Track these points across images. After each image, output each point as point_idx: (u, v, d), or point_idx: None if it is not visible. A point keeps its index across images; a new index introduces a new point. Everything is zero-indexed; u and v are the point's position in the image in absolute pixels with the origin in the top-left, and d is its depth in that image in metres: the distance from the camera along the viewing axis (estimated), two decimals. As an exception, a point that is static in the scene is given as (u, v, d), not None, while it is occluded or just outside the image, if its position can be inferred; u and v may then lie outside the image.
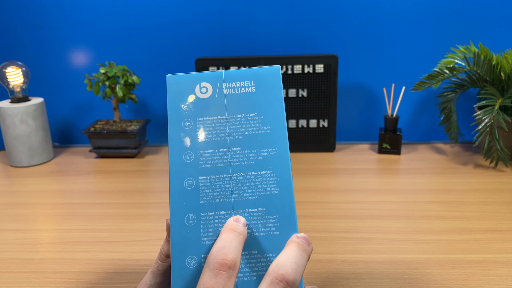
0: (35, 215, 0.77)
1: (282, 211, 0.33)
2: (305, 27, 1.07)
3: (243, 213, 0.33)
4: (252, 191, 0.33)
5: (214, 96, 0.36)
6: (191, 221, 0.33)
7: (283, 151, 0.35)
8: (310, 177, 0.89)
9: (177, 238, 0.33)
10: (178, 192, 0.34)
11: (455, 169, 0.91)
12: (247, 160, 0.34)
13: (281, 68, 0.99)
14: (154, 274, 0.37)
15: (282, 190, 0.34)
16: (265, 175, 0.34)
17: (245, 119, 0.36)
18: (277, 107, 0.36)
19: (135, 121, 1.08)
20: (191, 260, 0.32)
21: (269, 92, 0.36)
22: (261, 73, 0.37)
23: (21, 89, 1.01)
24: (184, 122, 0.36)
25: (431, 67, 1.04)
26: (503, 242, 0.63)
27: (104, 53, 1.13)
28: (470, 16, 1.03)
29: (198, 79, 0.37)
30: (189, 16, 1.08)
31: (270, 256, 0.32)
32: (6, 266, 0.61)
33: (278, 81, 0.37)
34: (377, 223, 0.70)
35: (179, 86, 0.37)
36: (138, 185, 0.88)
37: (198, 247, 0.32)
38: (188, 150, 0.35)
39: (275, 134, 0.35)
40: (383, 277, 0.56)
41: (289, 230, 0.33)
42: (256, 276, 0.32)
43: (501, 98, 0.88)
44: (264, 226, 0.33)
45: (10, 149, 0.99)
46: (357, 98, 1.12)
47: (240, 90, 0.36)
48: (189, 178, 0.34)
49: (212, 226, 0.33)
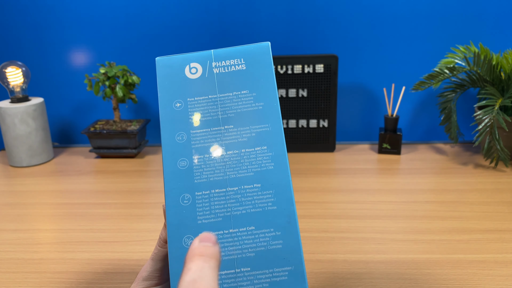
0: (35, 215, 0.77)
1: (278, 186, 0.33)
2: (305, 27, 1.07)
3: (239, 190, 0.33)
4: (247, 168, 0.33)
5: (204, 76, 0.36)
6: (186, 201, 0.33)
7: (276, 127, 0.34)
8: (310, 177, 0.89)
9: (173, 219, 0.32)
10: (172, 172, 0.33)
11: (455, 169, 0.91)
12: (240, 138, 0.34)
13: (281, 67, 0.99)
14: (154, 260, 0.37)
15: (277, 165, 0.33)
16: (259, 151, 0.34)
17: (236, 97, 0.35)
18: (268, 83, 0.36)
19: (135, 121, 1.08)
20: (188, 240, 0.32)
21: (260, 69, 0.36)
22: (251, 50, 0.37)
23: (21, 89, 1.01)
24: (175, 103, 0.36)
25: (431, 67, 1.04)
26: (503, 242, 0.63)
27: (104, 53, 1.13)
28: (470, 16, 1.03)
29: (188, 60, 0.37)
30: (189, 16, 1.08)
31: (268, 231, 0.32)
32: (6, 266, 0.61)
33: (268, 58, 0.36)
34: (377, 223, 0.70)
35: (168, 68, 0.37)
36: (138, 185, 0.88)
37: (194, 227, 0.32)
38: (180, 131, 0.35)
39: (267, 110, 0.35)
40: (383, 277, 0.56)
41: (286, 204, 0.33)
42: (255, 252, 0.32)
43: (501, 98, 0.88)
44: (261, 202, 0.33)
45: (10, 149, 0.99)
46: (357, 98, 1.12)
47: (230, 68, 0.36)
48: (182, 158, 0.34)
49: (208, 205, 0.33)
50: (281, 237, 0.32)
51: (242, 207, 0.33)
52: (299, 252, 0.32)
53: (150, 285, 0.36)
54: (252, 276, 0.31)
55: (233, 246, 0.32)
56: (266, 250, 0.32)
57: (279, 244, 0.32)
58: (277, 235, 0.32)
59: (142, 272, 0.37)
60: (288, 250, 0.32)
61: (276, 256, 0.32)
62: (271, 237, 0.32)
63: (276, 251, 0.32)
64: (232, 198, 0.33)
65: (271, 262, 0.31)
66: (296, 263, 0.32)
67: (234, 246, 0.32)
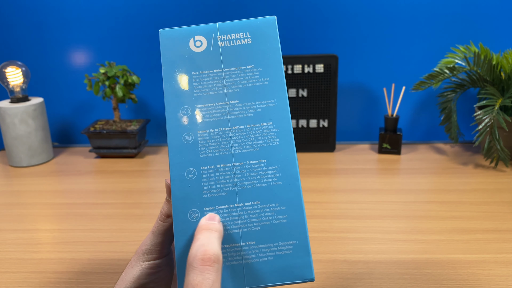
0: (35, 215, 0.77)
1: (283, 162, 0.33)
2: (305, 27, 1.07)
3: (244, 165, 0.33)
4: (253, 143, 0.33)
5: (209, 50, 0.35)
6: (191, 175, 0.33)
7: (282, 102, 0.34)
8: (310, 177, 0.89)
9: (178, 193, 0.32)
10: (177, 147, 0.33)
11: (455, 169, 0.91)
12: (246, 113, 0.34)
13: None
14: (155, 234, 0.37)
15: (283, 140, 0.33)
16: (264, 126, 0.34)
17: (242, 71, 0.35)
18: (274, 58, 0.35)
19: (135, 121, 1.08)
20: (193, 213, 0.32)
21: (266, 43, 0.36)
22: (257, 24, 0.36)
23: (21, 89, 1.01)
24: (179, 77, 0.35)
25: (431, 67, 1.04)
26: (503, 242, 0.63)
27: (104, 53, 1.13)
28: (470, 16, 1.03)
29: (192, 33, 0.36)
30: (188, 15, 1.08)
31: (273, 206, 0.32)
32: (6, 266, 0.61)
33: (275, 32, 0.36)
34: (377, 223, 0.70)
35: (172, 40, 0.36)
36: (138, 185, 0.88)
37: (200, 200, 0.32)
38: (185, 105, 0.34)
39: (273, 85, 0.35)
40: (383, 277, 0.56)
41: (291, 179, 0.33)
42: (260, 226, 0.32)
43: (501, 98, 0.88)
44: (266, 177, 0.33)
45: (10, 149, 0.99)
46: (357, 98, 1.12)
47: (236, 42, 0.36)
48: (187, 133, 0.34)
49: (213, 179, 0.33)
50: (286, 212, 0.32)
51: (248, 182, 0.33)
52: (303, 226, 0.32)
53: (150, 259, 0.36)
54: (257, 249, 0.32)
55: (238, 220, 0.32)
56: (271, 224, 0.32)
57: (284, 218, 0.32)
58: (282, 209, 0.32)
59: (142, 246, 0.37)
60: (293, 224, 0.32)
61: (281, 230, 0.32)
62: (276, 212, 0.32)
63: (281, 225, 0.32)
64: (238, 173, 0.33)
65: (276, 236, 0.32)
66: (300, 237, 0.32)
67: (239, 220, 0.32)
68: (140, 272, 0.36)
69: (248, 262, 0.31)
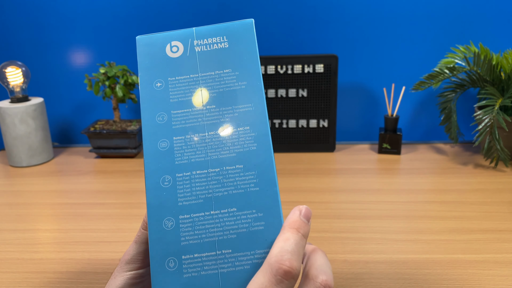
0: (35, 215, 0.77)
1: (260, 167, 0.32)
2: (305, 27, 1.07)
3: (220, 171, 0.32)
4: (229, 149, 0.33)
5: (186, 55, 0.35)
6: (166, 183, 0.32)
7: (259, 106, 0.34)
8: (310, 177, 0.89)
9: (153, 201, 0.32)
10: (152, 154, 0.33)
11: (455, 169, 0.91)
12: (222, 118, 0.34)
13: (281, 67, 0.99)
14: (138, 243, 0.36)
15: (260, 145, 0.33)
16: (241, 131, 0.33)
17: (218, 76, 0.35)
18: (251, 61, 0.35)
19: (135, 121, 1.08)
20: (168, 222, 0.31)
21: (243, 47, 0.35)
22: (234, 28, 0.36)
23: (21, 89, 1.01)
24: (156, 83, 0.35)
25: (431, 67, 1.04)
26: (503, 242, 0.63)
27: (104, 53, 1.13)
28: (470, 16, 1.03)
29: (168, 39, 0.36)
30: (188, 15, 1.08)
31: (250, 213, 0.31)
32: (6, 266, 0.61)
33: (252, 35, 0.36)
34: (377, 223, 0.70)
35: (148, 47, 0.36)
36: (138, 185, 0.88)
37: (175, 208, 0.32)
38: (161, 111, 0.34)
39: (250, 89, 0.34)
40: (383, 277, 0.56)
41: (268, 185, 0.32)
42: (236, 233, 0.31)
43: (501, 98, 0.88)
44: (243, 183, 0.32)
45: (10, 149, 0.99)
46: (357, 98, 1.12)
47: (213, 46, 0.35)
48: (163, 139, 0.33)
49: (189, 186, 0.32)
50: (263, 219, 0.31)
51: (224, 188, 0.32)
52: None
53: (133, 268, 0.36)
54: (233, 258, 0.31)
55: (214, 228, 0.31)
56: (248, 231, 0.31)
57: (261, 225, 0.31)
58: (259, 216, 0.31)
59: (125, 255, 0.36)
60: (270, 231, 0.31)
61: (258, 237, 0.31)
62: (253, 219, 0.31)
63: (258, 233, 0.31)
64: (214, 180, 0.32)
65: (253, 243, 0.31)
66: None
67: (215, 228, 0.31)
68: (123, 283, 0.35)
69: (224, 272, 0.30)
